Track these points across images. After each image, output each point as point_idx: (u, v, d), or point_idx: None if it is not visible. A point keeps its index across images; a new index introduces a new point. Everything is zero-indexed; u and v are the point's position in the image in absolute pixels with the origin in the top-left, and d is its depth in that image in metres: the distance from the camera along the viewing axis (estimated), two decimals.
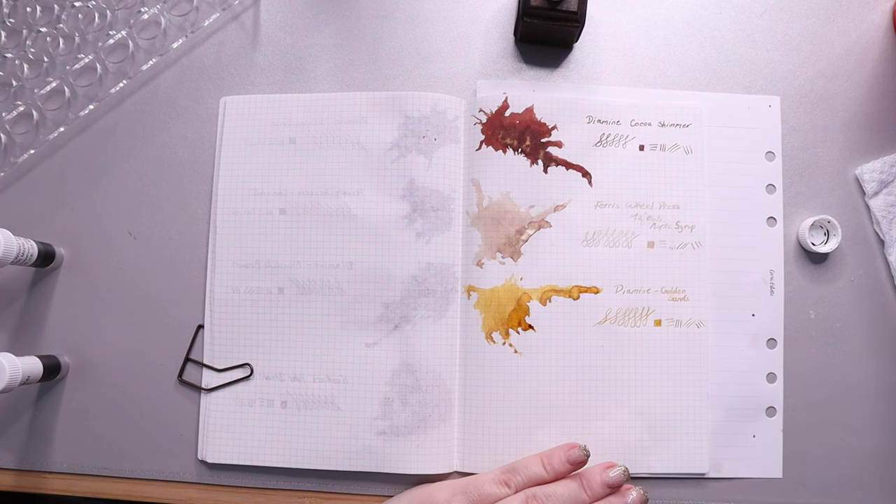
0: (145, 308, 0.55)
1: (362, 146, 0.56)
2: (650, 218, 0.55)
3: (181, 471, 0.54)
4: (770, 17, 0.58)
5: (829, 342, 0.54)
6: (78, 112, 0.57)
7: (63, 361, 0.54)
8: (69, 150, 0.57)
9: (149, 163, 0.57)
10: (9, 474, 0.55)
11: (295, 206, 0.55)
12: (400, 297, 0.54)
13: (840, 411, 0.54)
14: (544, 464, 0.49)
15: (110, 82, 0.57)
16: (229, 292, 0.55)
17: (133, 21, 0.58)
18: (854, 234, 0.55)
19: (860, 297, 0.55)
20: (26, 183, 0.57)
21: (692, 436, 0.53)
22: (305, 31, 0.58)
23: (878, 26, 0.58)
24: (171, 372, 0.55)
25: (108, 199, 0.57)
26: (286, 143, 0.56)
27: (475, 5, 0.58)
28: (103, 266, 0.56)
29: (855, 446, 0.53)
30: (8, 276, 0.56)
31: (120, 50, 0.58)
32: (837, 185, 0.56)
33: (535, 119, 0.56)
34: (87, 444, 0.54)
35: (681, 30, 0.58)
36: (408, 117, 0.55)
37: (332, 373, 0.54)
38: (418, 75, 0.57)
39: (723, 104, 0.56)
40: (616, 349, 0.53)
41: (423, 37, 0.58)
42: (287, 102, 0.57)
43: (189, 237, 0.56)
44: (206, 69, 0.58)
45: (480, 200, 0.55)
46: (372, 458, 0.52)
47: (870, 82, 0.57)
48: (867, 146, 0.56)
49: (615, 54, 0.57)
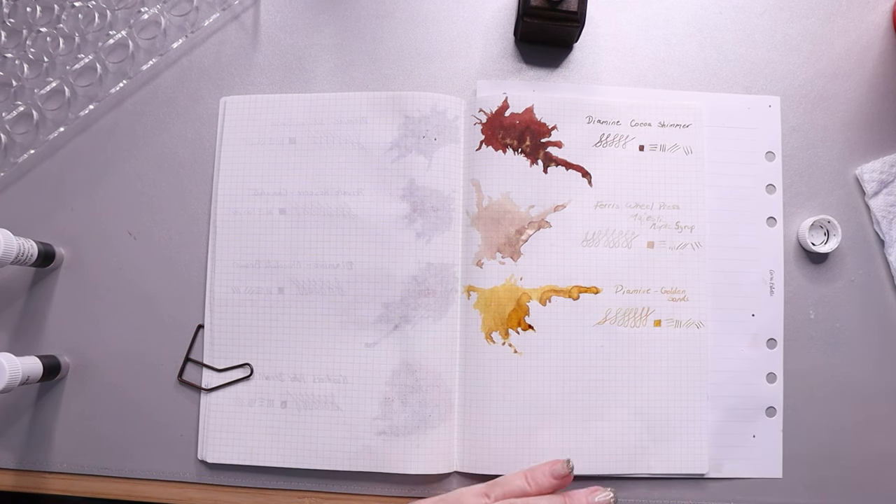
0: (145, 308, 0.55)
1: (362, 146, 0.56)
2: (650, 218, 0.55)
3: (181, 471, 0.54)
4: (770, 17, 0.58)
5: (829, 342, 0.54)
6: (78, 112, 0.57)
7: (63, 361, 0.54)
8: (69, 150, 0.57)
9: (149, 163, 0.57)
10: (9, 474, 0.55)
11: (295, 206, 0.55)
12: (400, 297, 0.54)
13: (840, 411, 0.54)
14: (527, 479, 0.49)
15: (110, 82, 0.57)
16: (229, 292, 0.55)
17: (133, 21, 0.58)
18: (854, 234, 0.55)
19: (860, 297, 0.55)
20: (26, 183, 0.57)
21: (692, 436, 0.53)
22: (305, 31, 0.58)
23: (878, 26, 0.58)
24: (171, 372, 0.55)
25: (108, 199, 0.57)
26: (286, 143, 0.56)
27: (475, 5, 0.58)
28: (103, 266, 0.56)
29: (855, 446, 0.53)
30: (8, 276, 0.56)
31: (120, 50, 0.58)
32: (837, 185, 0.56)
33: (535, 119, 0.56)
34: (87, 444, 0.54)
35: (681, 30, 0.58)
36: (408, 117, 0.55)
37: (332, 373, 0.54)
38: (418, 75, 0.57)
39: (723, 104, 0.56)
40: (616, 349, 0.53)
41: (423, 37, 0.58)
42: (287, 102, 0.57)
43: (189, 237, 0.56)
44: (206, 69, 0.58)
45: (480, 200, 0.55)
46: (372, 459, 0.52)
47: (870, 82, 0.57)
48: (867, 146, 0.56)
49: (615, 54, 0.57)
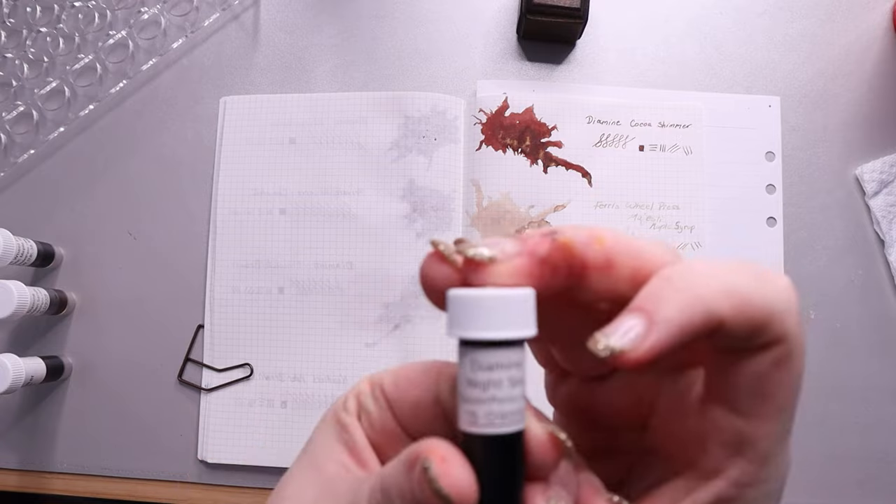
0: (145, 308, 0.55)
1: (362, 146, 0.56)
2: (650, 218, 0.55)
3: (181, 471, 0.54)
4: (770, 17, 0.58)
5: (829, 342, 0.54)
6: (78, 112, 0.57)
7: (66, 362, 0.54)
8: (69, 150, 0.57)
9: (149, 163, 0.57)
10: (12, 475, 0.55)
11: (295, 206, 0.55)
12: (400, 297, 0.54)
13: (840, 411, 0.54)
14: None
15: (110, 82, 0.57)
16: (229, 292, 0.55)
17: (133, 21, 0.58)
18: (854, 234, 0.55)
19: (860, 297, 0.55)
20: (26, 183, 0.57)
21: None
22: (305, 31, 0.58)
23: (878, 26, 0.58)
24: (171, 372, 0.55)
25: (108, 199, 0.57)
26: (286, 143, 0.56)
27: (475, 5, 0.58)
28: (103, 266, 0.56)
29: (855, 446, 0.53)
30: (8, 276, 0.56)
31: (120, 50, 0.58)
32: (837, 185, 0.56)
33: (535, 119, 0.56)
34: (88, 444, 0.55)
35: (681, 30, 0.58)
36: (408, 117, 0.55)
37: (333, 373, 0.54)
38: (418, 75, 0.57)
39: (723, 104, 0.56)
40: None
41: (423, 37, 0.58)
42: (287, 102, 0.57)
43: (189, 237, 0.56)
44: (206, 69, 0.58)
45: (480, 200, 0.55)
46: None
47: (870, 82, 0.57)
48: (867, 146, 0.56)
49: (616, 54, 0.57)
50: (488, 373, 0.16)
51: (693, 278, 0.17)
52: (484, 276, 0.17)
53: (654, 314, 0.16)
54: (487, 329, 0.16)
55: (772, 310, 0.17)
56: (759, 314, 0.16)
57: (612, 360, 0.16)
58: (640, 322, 0.16)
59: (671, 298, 0.16)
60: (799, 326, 0.17)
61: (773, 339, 0.17)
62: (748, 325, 0.16)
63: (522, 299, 0.17)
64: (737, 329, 0.16)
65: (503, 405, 0.16)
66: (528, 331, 0.17)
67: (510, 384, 0.16)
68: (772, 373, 0.17)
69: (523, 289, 0.17)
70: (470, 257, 0.17)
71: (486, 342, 0.16)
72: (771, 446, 0.18)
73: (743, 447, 0.17)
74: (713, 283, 0.16)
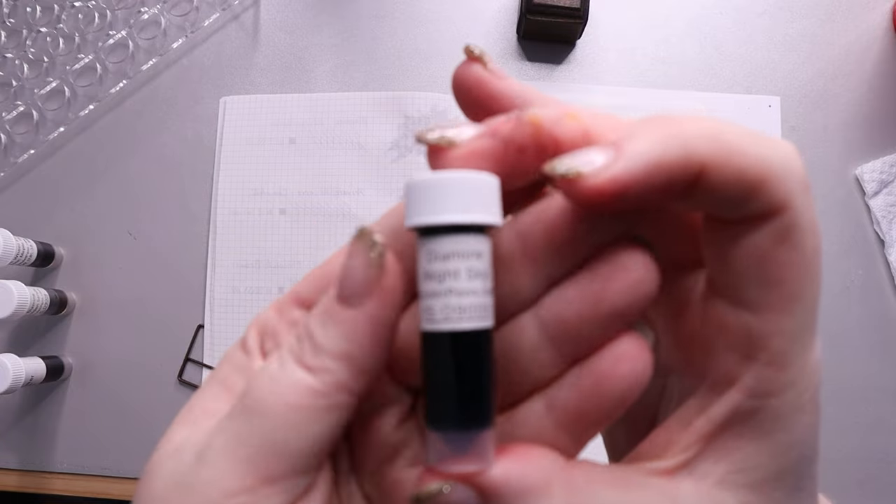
0: (145, 308, 0.55)
1: (362, 146, 0.56)
2: None
3: None
4: (770, 17, 0.58)
5: (828, 342, 0.54)
6: (78, 112, 0.57)
7: (66, 362, 0.54)
8: (69, 150, 0.57)
9: (149, 163, 0.57)
10: (12, 475, 0.55)
11: (295, 207, 0.55)
12: None
13: (840, 411, 0.54)
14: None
15: (110, 82, 0.57)
16: (229, 292, 0.55)
17: (133, 21, 0.58)
18: (854, 234, 0.55)
19: (860, 297, 0.55)
20: (26, 183, 0.57)
21: None
22: (305, 31, 0.58)
23: (878, 26, 0.58)
24: (171, 372, 0.55)
25: (108, 199, 0.57)
26: (286, 143, 0.56)
27: (475, 5, 0.58)
28: (103, 266, 0.56)
29: (855, 446, 0.53)
30: (8, 276, 0.56)
31: (120, 50, 0.58)
32: (837, 185, 0.56)
33: None
34: (88, 444, 0.54)
35: (681, 30, 0.58)
36: (408, 117, 0.55)
37: None
38: (418, 75, 0.57)
39: (723, 104, 0.56)
40: None
41: (423, 37, 0.58)
42: (287, 102, 0.57)
43: (189, 237, 0.56)
44: (206, 69, 0.58)
45: None
46: None
47: (870, 82, 0.57)
48: (867, 146, 0.56)
49: (616, 54, 0.57)
50: (444, 263, 0.15)
51: (675, 119, 0.14)
52: (443, 161, 0.16)
53: (623, 147, 0.14)
54: (437, 213, 0.15)
55: (769, 167, 0.14)
56: (751, 168, 0.14)
57: (566, 184, 0.14)
58: (607, 151, 0.14)
59: (644, 133, 0.14)
60: (805, 195, 0.14)
61: (773, 207, 0.14)
62: (737, 180, 0.14)
63: (478, 182, 0.15)
64: (724, 184, 0.14)
65: (462, 298, 0.15)
66: (486, 216, 0.15)
67: (469, 276, 0.15)
68: (775, 251, 0.14)
69: (480, 172, 0.15)
70: (432, 142, 0.16)
71: (438, 227, 0.15)
72: (787, 345, 0.15)
73: (754, 348, 0.15)
74: (697, 125, 0.14)
